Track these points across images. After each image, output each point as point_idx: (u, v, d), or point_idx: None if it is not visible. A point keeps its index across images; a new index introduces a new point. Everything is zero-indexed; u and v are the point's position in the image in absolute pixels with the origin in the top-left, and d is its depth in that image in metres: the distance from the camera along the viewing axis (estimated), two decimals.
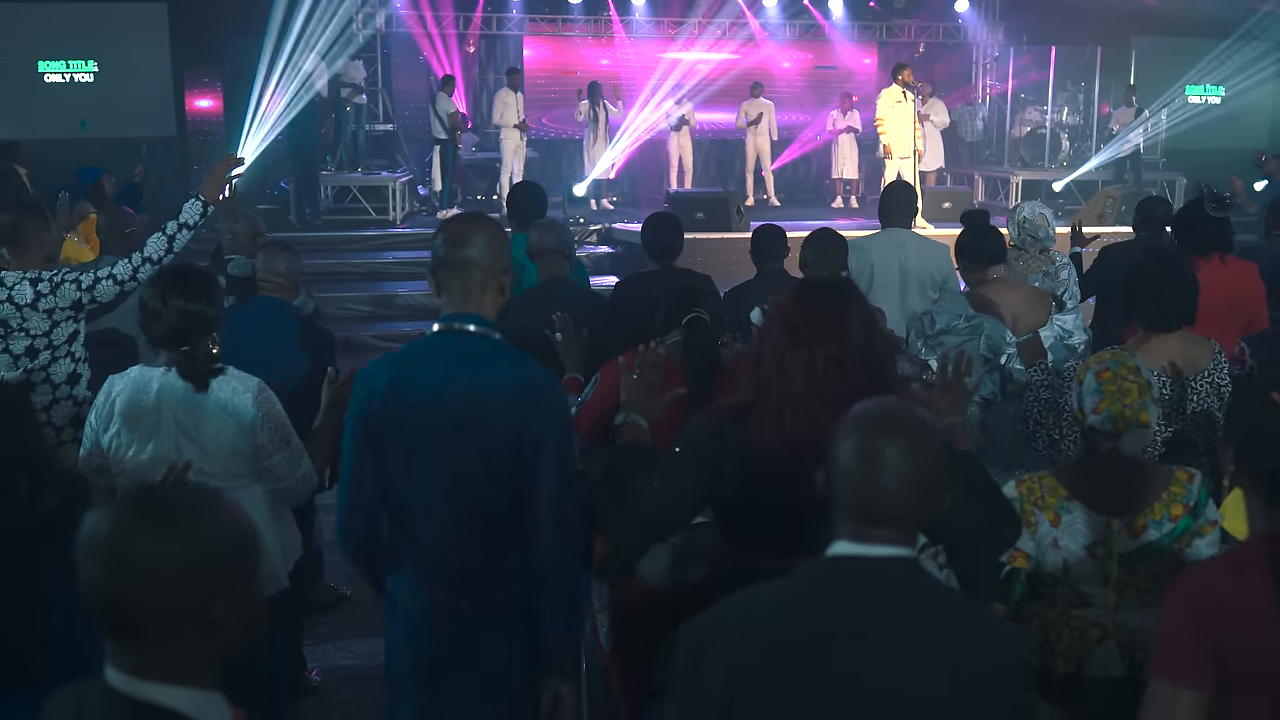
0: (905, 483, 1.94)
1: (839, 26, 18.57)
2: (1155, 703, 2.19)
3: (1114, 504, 2.96)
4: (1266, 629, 2.10)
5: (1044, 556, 2.98)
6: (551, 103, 17.99)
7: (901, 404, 2.09)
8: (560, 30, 18.17)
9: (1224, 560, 2.40)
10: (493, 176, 16.00)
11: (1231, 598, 2.16)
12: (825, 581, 2.00)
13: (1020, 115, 18.51)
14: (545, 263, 5.07)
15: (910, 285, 5.75)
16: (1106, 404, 2.92)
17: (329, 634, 5.41)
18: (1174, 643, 2.20)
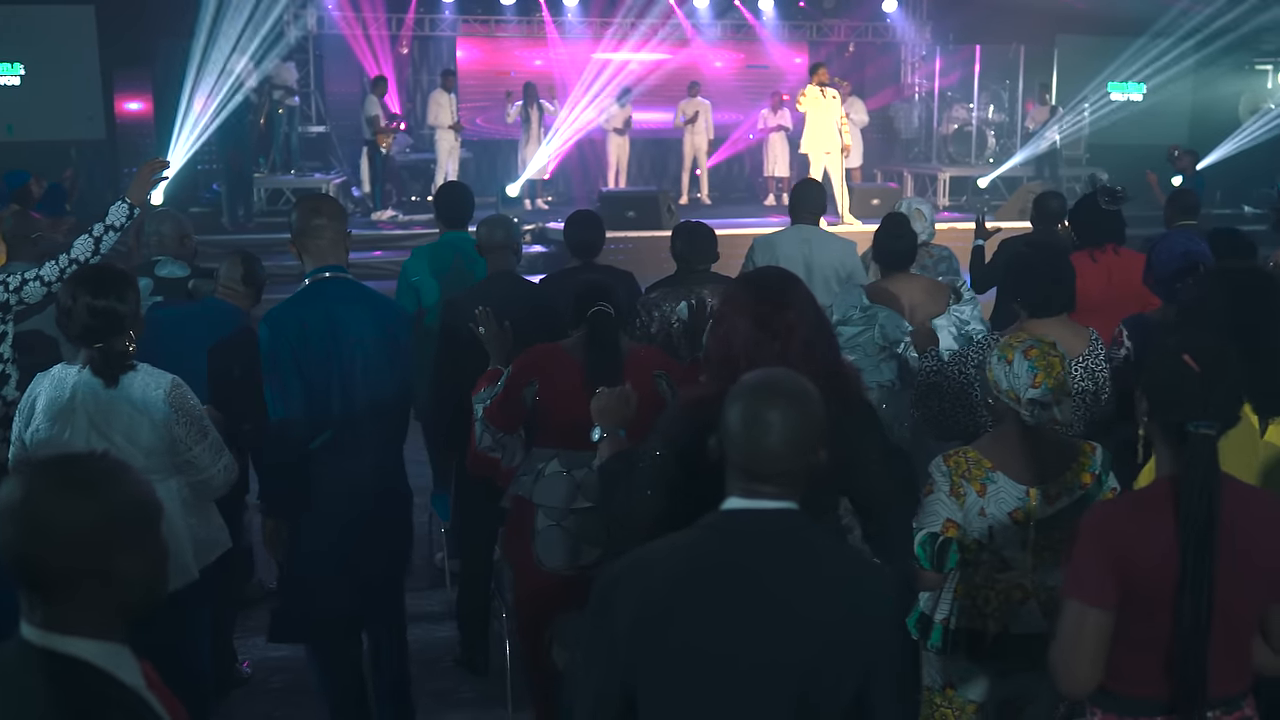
0: (787, 443, 2.17)
1: (769, 26, 18.81)
2: (1068, 620, 2.50)
3: (1033, 473, 3.19)
4: (1164, 557, 2.43)
5: (971, 525, 3.18)
6: (486, 103, 18.06)
7: (783, 372, 2.31)
8: (493, 31, 18.25)
9: (1129, 497, 2.70)
10: (428, 177, 16.06)
11: (1135, 530, 2.48)
12: (720, 530, 2.23)
13: (947, 113, 18.86)
14: (494, 257, 5.21)
15: (816, 279, 5.93)
16: (1043, 377, 3.14)
17: (259, 627, 5.49)
18: (1084, 568, 2.50)
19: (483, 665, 5.04)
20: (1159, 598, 2.44)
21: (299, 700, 4.89)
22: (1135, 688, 2.52)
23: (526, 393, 4.01)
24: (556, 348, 4.08)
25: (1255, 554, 2.47)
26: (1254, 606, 2.53)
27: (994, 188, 17.30)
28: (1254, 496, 2.61)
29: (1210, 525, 2.41)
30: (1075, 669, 2.49)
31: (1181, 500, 2.44)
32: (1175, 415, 2.51)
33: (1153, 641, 2.47)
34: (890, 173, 18.67)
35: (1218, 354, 2.54)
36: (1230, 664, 2.51)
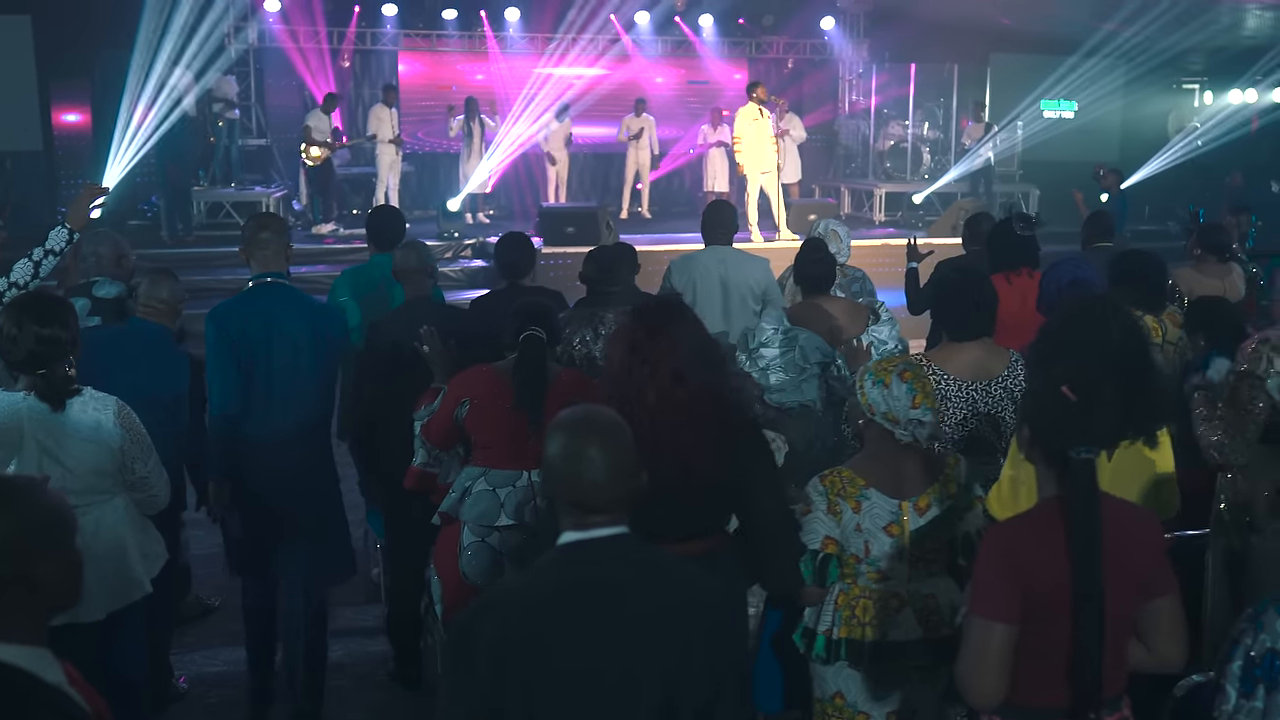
0: (610, 473, 2.32)
1: (709, 43, 19.04)
2: (974, 636, 2.66)
3: (903, 488, 3.37)
4: (1058, 572, 2.61)
5: (849, 541, 3.35)
6: (427, 117, 18.13)
7: (593, 408, 2.47)
8: (435, 45, 18.33)
9: (1025, 517, 2.84)
10: (369, 191, 16.06)
11: (1033, 548, 2.67)
12: (562, 564, 2.36)
13: (884, 130, 19.19)
14: (410, 282, 5.33)
15: (732, 298, 6.12)
16: (921, 398, 3.31)
17: (196, 643, 5.59)
18: (987, 585, 2.67)
19: (415, 679, 5.14)
20: (1055, 610, 2.61)
21: (235, 716, 4.98)
22: (1035, 696, 2.67)
23: (458, 411, 4.16)
24: (489, 369, 4.22)
25: (1128, 563, 2.67)
26: (1132, 611, 2.73)
27: (929, 203, 17.61)
28: (1124, 511, 2.80)
29: (1096, 541, 2.60)
30: (982, 682, 2.63)
31: (1069, 520, 2.62)
32: (1057, 442, 2.68)
33: (1051, 651, 2.63)
34: (828, 188, 18.94)
35: (1095, 384, 2.72)
36: (1113, 667, 2.70)
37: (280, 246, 4.74)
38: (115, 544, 3.82)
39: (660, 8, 17.94)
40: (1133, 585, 2.69)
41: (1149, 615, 2.75)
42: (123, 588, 3.83)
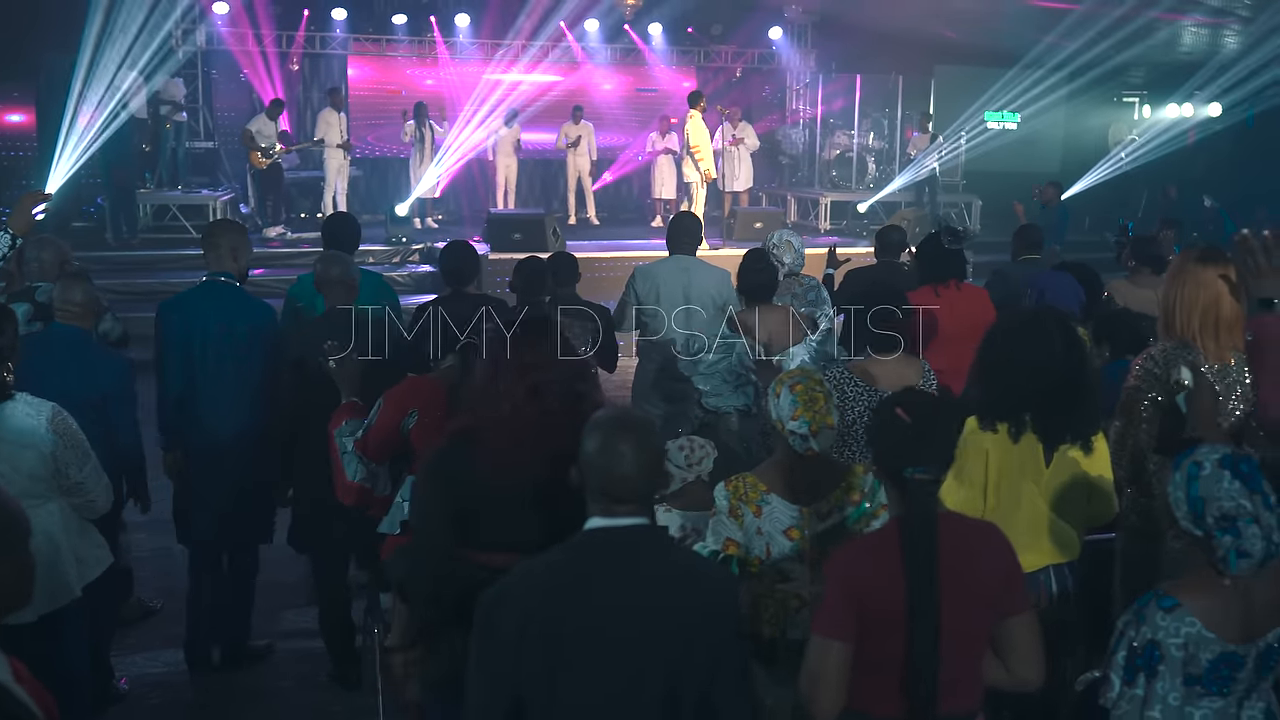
0: (639, 468, 2.54)
1: (658, 51, 19.22)
2: (813, 653, 2.77)
3: (804, 494, 3.50)
4: (895, 589, 2.70)
5: (751, 543, 3.49)
6: (376, 122, 18.16)
7: (629, 410, 2.69)
8: (384, 50, 18.37)
9: (868, 538, 2.98)
10: (316, 195, 16.06)
11: (870, 568, 2.77)
12: (587, 547, 2.59)
13: (830, 139, 19.42)
14: (330, 293, 5.36)
15: (695, 306, 6.27)
16: (802, 411, 3.45)
17: (137, 645, 5.64)
18: (827, 605, 2.79)
19: (354, 680, 5.23)
20: (892, 626, 2.71)
21: (175, 717, 5.05)
22: (875, 707, 2.77)
23: (406, 423, 4.21)
24: (431, 380, 4.28)
25: (971, 581, 2.76)
26: (980, 629, 2.82)
27: (873, 212, 17.86)
28: (970, 529, 2.91)
29: (931, 559, 2.70)
30: (821, 696, 2.74)
31: (904, 538, 2.73)
32: (893, 463, 2.80)
33: (889, 665, 2.73)
34: (775, 196, 19.15)
35: (930, 408, 2.85)
36: (963, 683, 2.79)
37: (228, 248, 5.26)
38: (48, 548, 3.86)
39: (610, 15, 18.08)
40: (977, 603, 2.77)
41: (1002, 635, 2.84)
42: (53, 592, 3.88)
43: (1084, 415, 3.81)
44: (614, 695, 2.47)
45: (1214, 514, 2.79)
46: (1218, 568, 2.80)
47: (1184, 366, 4.06)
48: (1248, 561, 2.76)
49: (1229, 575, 2.78)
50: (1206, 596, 2.80)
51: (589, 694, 2.47)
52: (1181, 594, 2.82)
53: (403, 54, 18.50)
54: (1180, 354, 4.08)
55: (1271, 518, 2.79)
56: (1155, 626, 2.79)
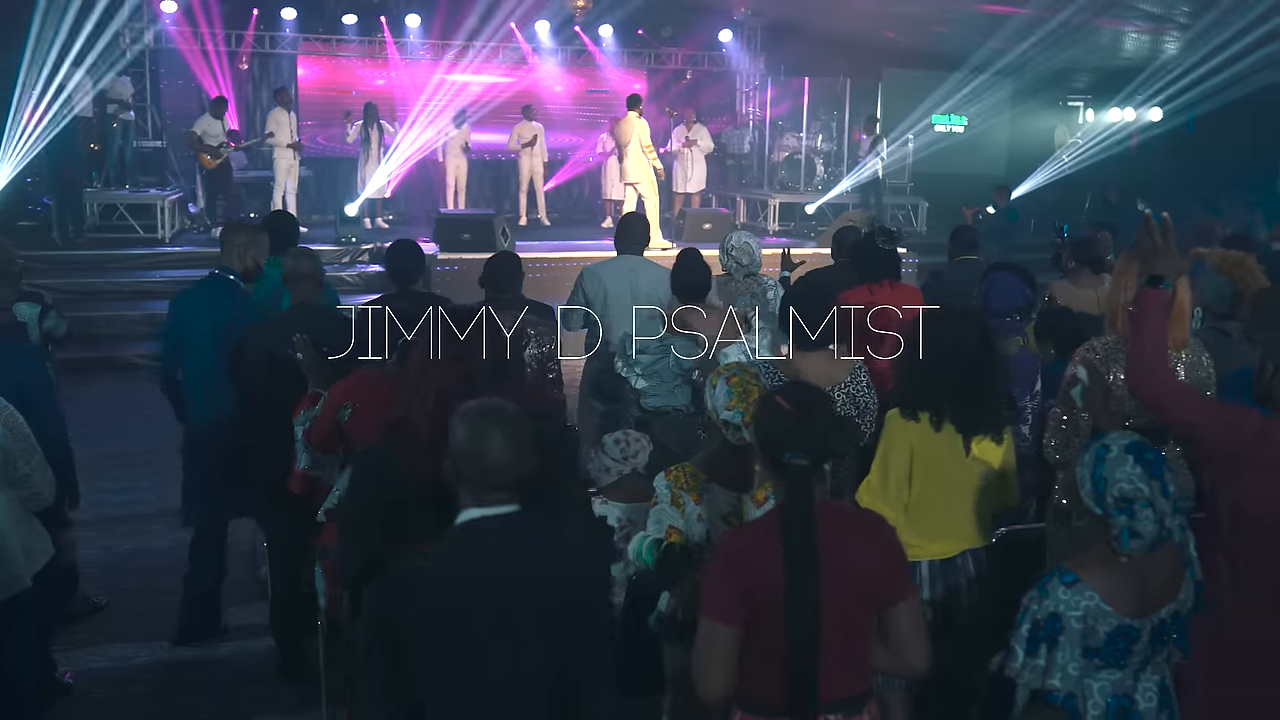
0: (509, 456, 2.61)
1: (609, 53, 19.33)
2: (701, 637, 2.86)
3: (741, 482, 3.64)
4: (778, 574, 2.78)
5: (692, 530, 3.61)
6: (326, 121, 18.15)
7: (497, 401, 2.73)
8: (334, 50, 18.35)
9: (753, 524, 3.12)
10: (266, 194, 16.04)
11: (753, 553, 2.85)
12: (465, 537, 2.66)
13: (779, 141, 19.62)
14: (298, 288, 5.46)
15: (641, 306, 6.36)
16: (736, 402, 3.58)
17: (83, 640, 5.68)
18: (714, 589, 2.87)
19: (300, 671, 5.30)
20: (776, 611, 2.78)
21: (119, 712, 5.10)
22: (763, 691, 2.85)
23: (341, 414, 4.33)
24: (374, 373, 4.40)
25: (853, 568, 2.85)
26: (864, 615, 2.90)
27: (821, 213, 18.07)
28: (854, 517, 3.04)
29: (809, 542, 2.78)
30: (709, 679, 2.82)
31: (784, 524, 2.82)
32: (773, 450, 2.91)
33: (775, 650, 2.80)
34: (724, 198, 19.32)
35: (808, 397, 2.99)
36: (847, 668, 2.88)
37: (237, 246, 5.70)
38: None
39: (560, 17, 18.17)
40: (859, 590, 2.85)
41: (887, 621, 2.91)
42: (4, 581, 3.95)
43: (994, 408, 3.99)
44: (492, 673, 2.57)
45: (1114, 495, 2.97)
46: (1113, 546, 2.97)
47: (1081, 365, 4.28)
48: (1139, 542, 2.94)
49: (1123, 553, 2.95)
50: (1105, 573, 2.98)
51: (470, 672, 2.57)
52: (1082, 570, 3.00)
53: (353, 54, 18.50)
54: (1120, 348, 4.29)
55: (1166, 504, 2.97)
56: (1057, 600, 2.96)
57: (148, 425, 9.36)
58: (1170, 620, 3.06)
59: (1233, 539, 3.29)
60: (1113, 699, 3.03)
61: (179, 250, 14.41)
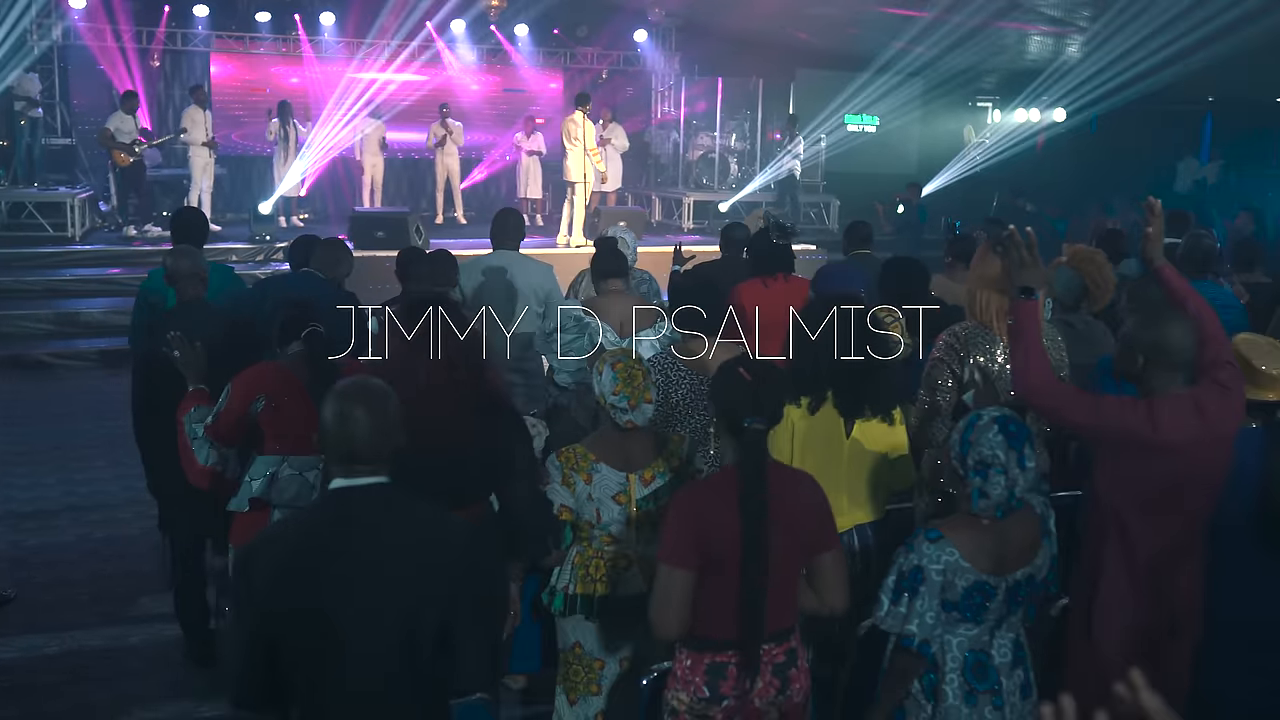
0: (371, 431, 2.76)
1: (525, 52, 19.44)
2: (659, 581, 3.18)
3: (629, 462, 3.83)
4: (730, 527, 3.11)
5: (582, 509, 3.80)
6: (240, 119, 18.06)
7: (361, 378, 2.92)
8: (248, 48, 18.26)
9: (709, 481, 3.40)
10: (180, 193, 15.89)
11: (709, 507, 3.18)
12: (330, 504, 2.83)
13: (693, 140, 19.87)
14: (182, 286, 5.50)
15: (517, 300, 6.55)
16: (622, 387, 3.77)
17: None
18: (671, 538, 3.19)
19: (209, 657, 5.40)
20: (729, 560, 3.12)
21: (30, 700, 5.16)
22: (712, 630, 3.20)
23: (254, 407, 4.43)
24: (276, 366, 4.51)
25: (793, 521, 3.20)
26: (798, 561, 3.27)
27: (734, 211, 18.32)
28: (793, 477, 3.36)
29: (763, 499, 3.11)
30: (665, 619, 3.16)
31: (741, 481, 3.14)
32: (733, 414, 3.22)
33: (726, 594, 3.14)
34: (640, 196, 19.54)
35: (765, 368, 3.30)
36: (781, 607, 3.24)
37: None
38: None
39: (476, 16, 18.25)
40: (797, 541, 3.23)
41: (815, 567, 3.29)
42: None
43: (882, 391, 4.22)
44: (359, 632, 2.72)
45: (974, 458, 3.26)
46: (965, 505, 3.24)
47: (978, 371, 4.54)
48: (986, 503, 3.22)
49: (974, 513, 3.22)
50: (967, 532, 3.27)
51: (336, 633, 2.72)
52: (946, 529, 3.29)
53: (267, 52, 18.41)
54: (979, 334, 4.55)
55: (1020, 475, 3.23)
56: (921, 554, 3.25)
57: (55, 423, 9.42)
58: (1024, 582, 3.32)
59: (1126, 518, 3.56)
60: (970, 653, 3.30)
61: (89, 249, 14.29)
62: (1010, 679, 3.35)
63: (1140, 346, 3.61)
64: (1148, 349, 3.58)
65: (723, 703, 3.22)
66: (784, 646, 3.29)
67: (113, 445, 8.35)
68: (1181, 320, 3.62)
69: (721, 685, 3.21)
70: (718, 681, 3.21)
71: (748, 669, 3.19)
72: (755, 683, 3.22)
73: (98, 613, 5.96)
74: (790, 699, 3.30)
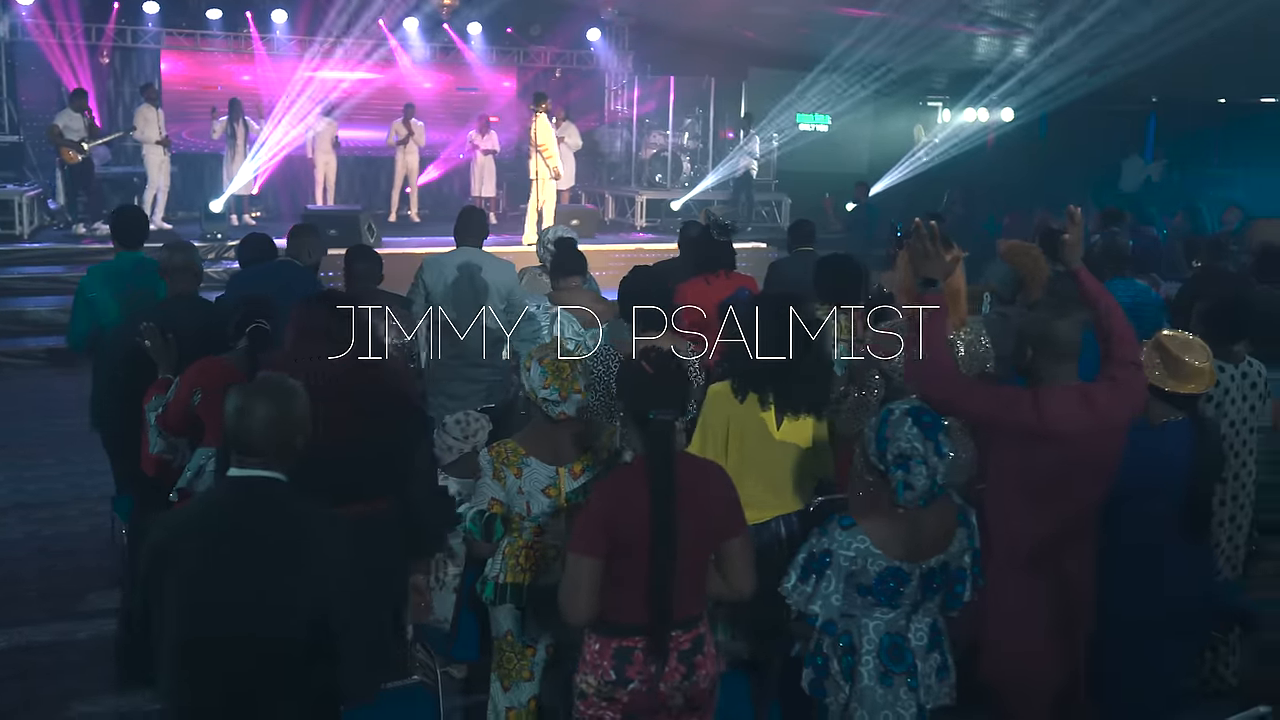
0: (266, 426, 2.95)
1: (478, 50, 19.46)
2: (569, 568, 3.28)
3: (559, 456, 3.91)
4: (640, 516, 3.22)
5: (513, 502, 3.88)
6: (191, 117, 17.95)
7: (270, 377, 3.10)
8: (199, 45, 18.16)
9: (619, 472, 3.49)
10: (129, 190, 15.75)
11: (619, 497, 3.28)
12: (223, 491, 3.05)
13: (646, 139, 19.98)
14: (174, 279, 5.61)
15: (480, 297, 6.65)
16: (551, 380, 3.86)
17: None
18: (582, 528, 3.29)
19: None
20: (637, 547, 3.23)
21: None
22: (622, 615, 3.31)
23: (193, 399, 4.52)
24: (220, 361, 4.61)
25: (701, 509, 3.31)
26: (706, 548, 3.38)
27: (686, 210, 18.45)
28: (701, 467, 3.49)
29: (671, 488, 3.22)
30: (575, 605, 3.26)
31: (649, 472, 3.25)
32: (638, 407, 3.33)
33: (635, 580, 3.25)
34: (594, 195, 19.62)
35: (667, 361, 3.41)
36: (690, 594, 3.36)
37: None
38: None
39: (429, 14, 18.26)
40: (705, 528, 3.34)
41: (723, 553, 3.41)
42: None
43: (816, 387, 4.33)
44: (241, 606, 2.91)
45: (893, 452, 3.36)
46: (891, 498, 3.35)
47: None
48: (912, 494, 3.34)
49: (899, 505, 3.34)
50: (879, 520, 3.40)
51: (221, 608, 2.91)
52: (859, 516, 3.42)
53: (218, 49, 18.31)
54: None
55: (939, 463, 3.35)
56: (833, 539, 3.39)
57: (3, 422, 9.44)
58: (939, 570, 3.45)
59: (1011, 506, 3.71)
60: (886, 636, 3.43)
61: (38, 247, 14.18)
62: (926, 662, 3.48)
63: (1028, 339, 3.78)
64: (1035, 341, 3.75)
65: (628, 686, 3.33)
66: (691, 633, 3.40)
67: (61, 444, 8.37)
68: (1069, 315, 3.77)
69: (628, 669, 3.32)
70: (624, 666, 3.33)
71: (655, 654, 3.30)
72: (662, 667, 3.32)
73: (45, 609, 6.00)
74: (696, 684, 3.40)
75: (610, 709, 3.36)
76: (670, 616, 3.28)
